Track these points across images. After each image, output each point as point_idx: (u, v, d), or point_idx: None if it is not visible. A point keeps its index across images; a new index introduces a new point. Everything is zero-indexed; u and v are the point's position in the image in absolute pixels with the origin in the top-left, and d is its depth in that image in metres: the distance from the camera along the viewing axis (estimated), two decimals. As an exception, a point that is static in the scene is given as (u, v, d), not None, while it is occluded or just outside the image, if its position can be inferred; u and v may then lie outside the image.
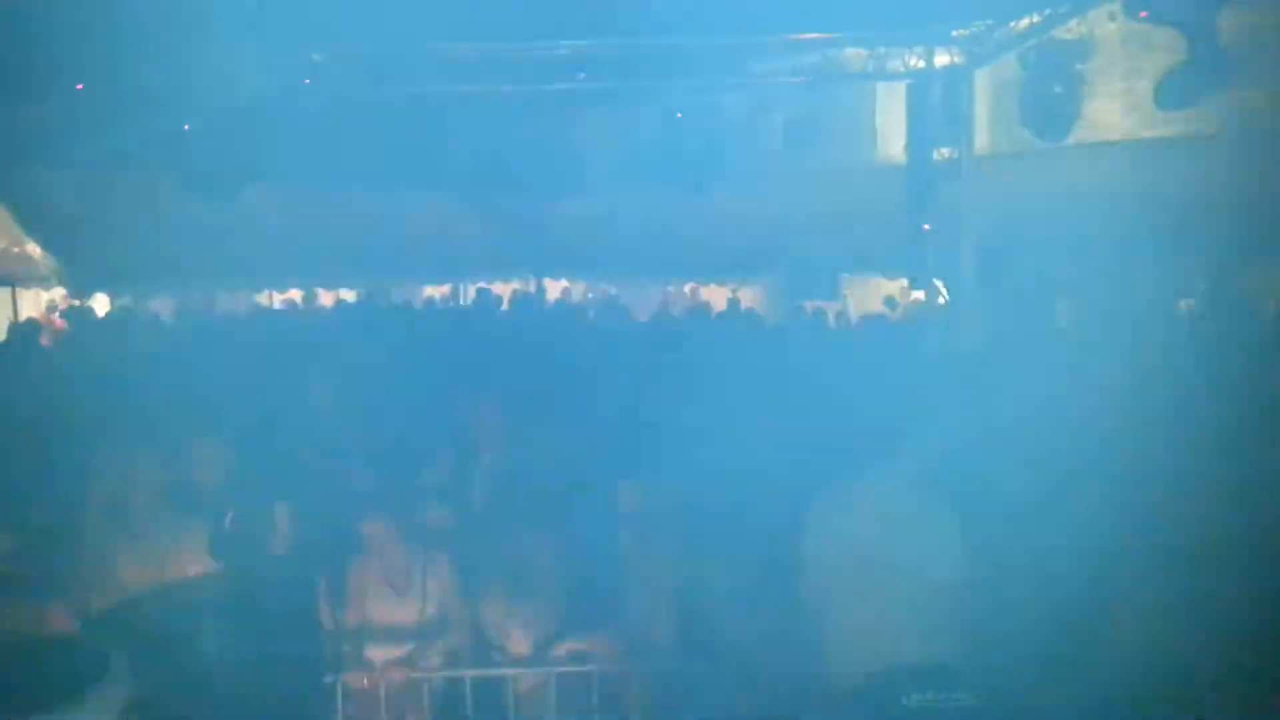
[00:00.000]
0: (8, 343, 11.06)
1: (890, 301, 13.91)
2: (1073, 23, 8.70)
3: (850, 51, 10.04)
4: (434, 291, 17.54)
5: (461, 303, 16.81)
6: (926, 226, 9.95)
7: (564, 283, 19.05)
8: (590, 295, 17.57)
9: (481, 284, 17.13)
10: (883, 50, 9.77)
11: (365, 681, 3.99)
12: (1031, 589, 3.84)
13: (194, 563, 4.03)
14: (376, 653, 4.36)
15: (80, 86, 8.75)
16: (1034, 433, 5.23)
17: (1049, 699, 3.26)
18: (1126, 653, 3.55)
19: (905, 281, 11.86)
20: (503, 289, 17.40)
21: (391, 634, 4.41)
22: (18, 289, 14.93)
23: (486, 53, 9.19)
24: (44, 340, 11.57)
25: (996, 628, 3.69)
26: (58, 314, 14.01)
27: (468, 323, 12.72)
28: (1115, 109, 14.57)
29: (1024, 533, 4.15)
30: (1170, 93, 7.61)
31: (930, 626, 3.65)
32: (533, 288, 17.27)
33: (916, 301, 12.31)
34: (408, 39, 9.07)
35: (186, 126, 8.84)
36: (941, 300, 10.14)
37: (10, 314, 14.60)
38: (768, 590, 4.27)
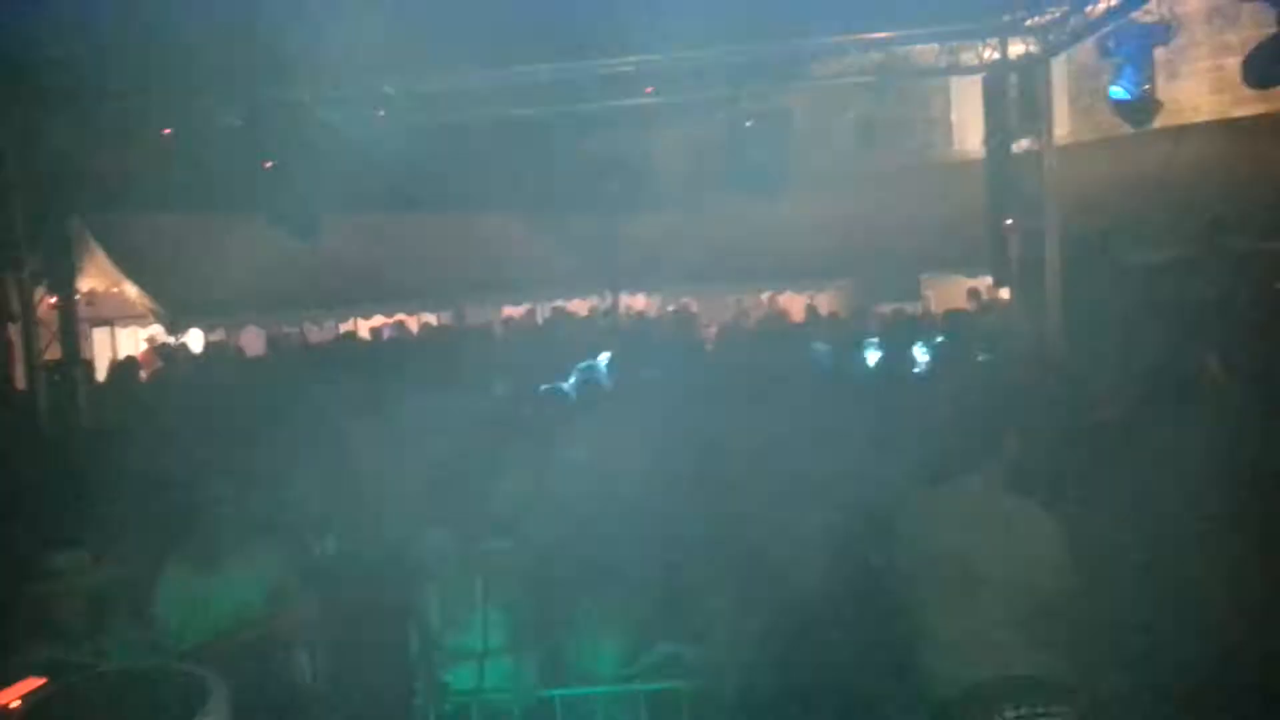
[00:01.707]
0: (110, 379, 11.50)
1: (975, 297, 13.61)
2: (1152, 2, 8.41)
3: (921, 47, 9.88)
4: (512, 311, 17.71)
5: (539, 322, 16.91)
6: (1009, 221, 9.70)
7: (640, 297, 19.09)
8: (668, 308, 17.56)
9: (559, 302, 17.29)
10: (955, 44, 9.58)
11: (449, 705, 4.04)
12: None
13: (286, 592, 4.13)
14: (464, 676, 4.42)
15: (167, 131, 9.07)
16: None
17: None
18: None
19: (989, 279, 11.58)
20: (579, 305, 17.53)
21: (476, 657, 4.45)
22: (116, 327, 15.53)
23: (553, 74, 9.27)
24: (142, 375, 12.00)
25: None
26: (154, 350, 14.52)
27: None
28: (1202, 89, 14.09)
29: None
30: (1260, 69, 7.30)
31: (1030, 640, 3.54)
32: (609, 303, 17.33)
33: (1000, 299, 12.02)
34: (475, 66, 9.22)
35: (268, 165, 9.08)
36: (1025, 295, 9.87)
37: (110, 351, 15.19)
38: (860, 605, 4.18)
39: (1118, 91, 8.86)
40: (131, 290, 13.29)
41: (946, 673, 3.32)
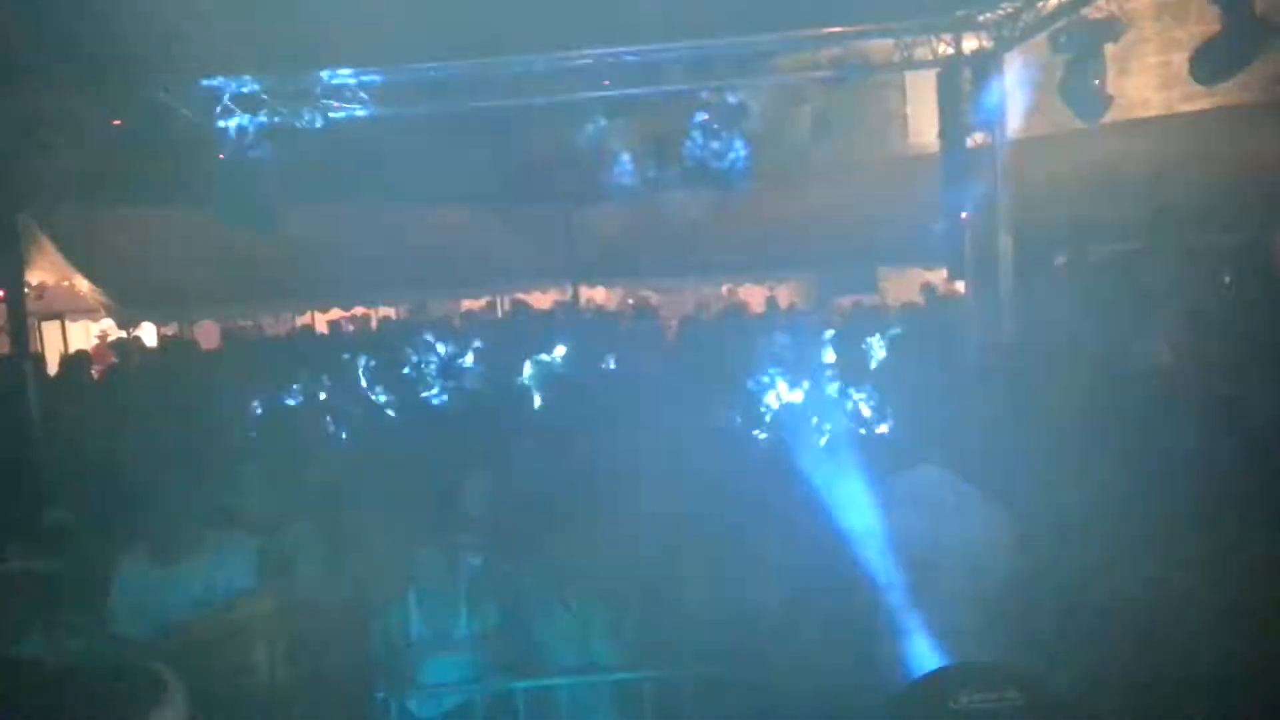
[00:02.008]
0: (61, 372, 11.30)
1: (929, 291, 13.78)
2: (1102, 0, 8.56)
3: (877, 42, 9.96)
4: (472, 304, 17.65)
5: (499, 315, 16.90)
6: (965, 215, 9.82)
7: (600, 289, 19.11)
8: (628, 300, 17.59)
9: (518, 294, 17.25)
10: (909, 39, 9.67)
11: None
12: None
13: (243, 585, 4.11)
14: (426, 670, 4.42)
15: (117, 123, 8.91)
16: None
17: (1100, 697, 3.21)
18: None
19: (944, 271, 11.73)
20: (540, 298, 17.51)
21: (442, 650, 4.45)
22: (66, 321, 15.27)
23: (511, 66, 9.24)
24: (94, 370, 11.81)
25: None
26: (107, 344, 14.31)
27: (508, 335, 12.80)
28: (1151, 84, 14.34)
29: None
30: (1208, 65, 7.46)
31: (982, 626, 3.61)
32: (568, 295, 17.33)
33: (955, 292, 12.18)
34: (432, 57, 9.15)
35: (221, 156, 8.97)
36: (978, 288, 10.00)
37: (61, 346, 14.93)
38: (815, 594, 4.24)
39: (1069, 87, 9.03)
40: (82, 284, 13.07)
41: (903, 660, 3.39)
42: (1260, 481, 3.97)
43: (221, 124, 8.98)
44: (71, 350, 14.35)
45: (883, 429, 6.31)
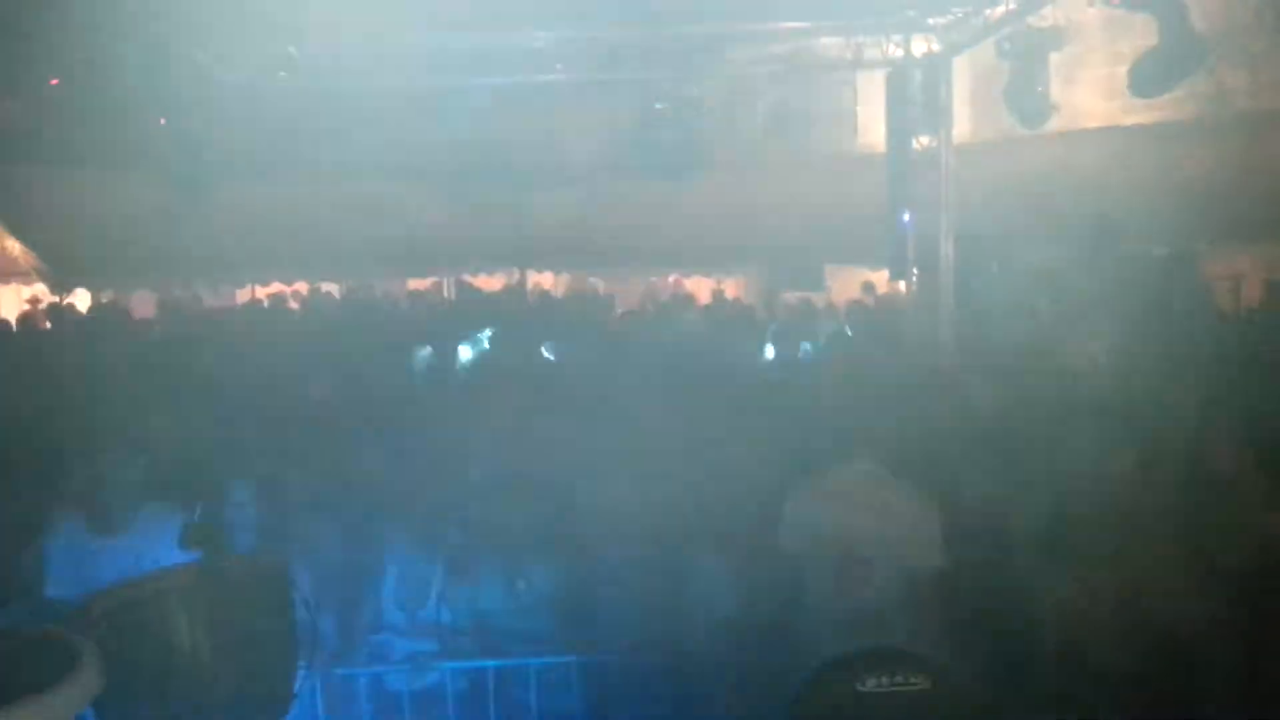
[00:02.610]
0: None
1: (869, 290, 13.97)
2: (1048, 9, 8.72)
3: (828, 40, 10.05)
4: (417, 284, 17.49)
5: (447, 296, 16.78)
6: (906, 216, 9.97)
7: (547, 275, 19.04)
8: (573, 287, 17.58)
9: (465, 276, 17.13)
10: (861, 39, 9.78)
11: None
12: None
13: (168, 556, 4.07)
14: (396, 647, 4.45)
15: (55, 81, 8.69)
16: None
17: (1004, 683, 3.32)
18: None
19: (886, 271, 11.90)
20: (486, 281, 17.40)
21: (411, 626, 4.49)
22: (-3, 285, 14.87)
23: (464, 45, 9.16)
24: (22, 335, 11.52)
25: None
26: (39, 309, 13.95)
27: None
28: (1095, 95, 14.65)
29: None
30: (1145, 79, 7.65)
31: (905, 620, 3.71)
32: (515, 280, 17.25)
33: (896, 291, 12.36)
34: (385, 32, 9.04)
35: (162, 121, 8.79)
36: (918, 290, 10.17)
37: (-9, 310, 14.53)
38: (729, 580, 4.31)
39: (1014, 94, 9.20)
40: (15, 246, 12.73)
41: (817, 646, 3.46)
42: (1166, 488, 4.11)
43: (167, 88, 8.80)
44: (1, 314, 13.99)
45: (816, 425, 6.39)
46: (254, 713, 2.32)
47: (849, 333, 10.22)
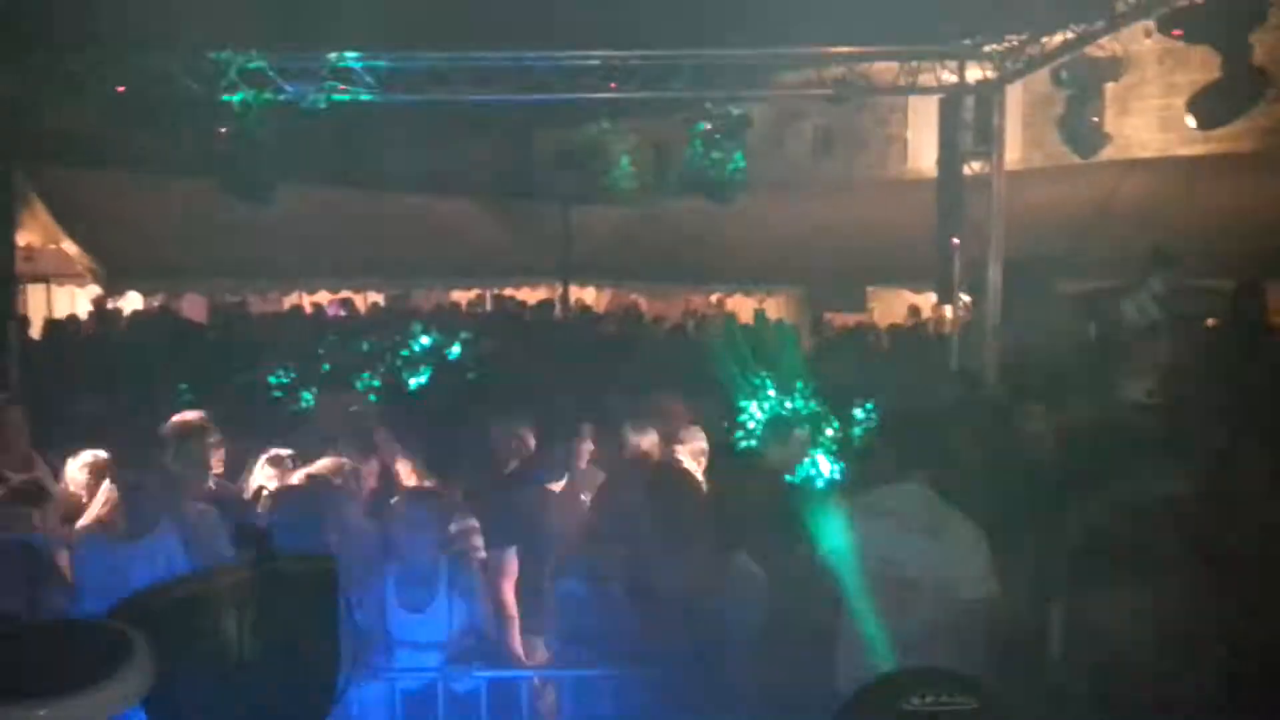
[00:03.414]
0: (45, 336, 11.26)
1: (915, 313, 13.88)
2: (1107, 39, 8.65)
3: (882, 65, 10.03)
4: (461, 296, 17.63)
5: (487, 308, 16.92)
6: (956, 240, 9.90)
7: (590, 290, 19.13)
8: (615, 302, 17.63)
9: (508, 289, 17.26)
10: (914, 64, 9.75)
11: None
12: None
13: (219, 552, 4.13)
14: (397, 652, 4.45)
15: (122, 90, 8.89)
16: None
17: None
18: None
19: (933, 295, 11.82)
20: (529, 294, 17.53)
21: (411, 634, 4.48)
22: (53, 285, 15.18)
23: (519, 61, 9.26)
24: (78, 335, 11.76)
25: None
26: (91, 311, 14.24)
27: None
28: (1150, 126, 14.49)
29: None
30: (1204, 111, 7.55)
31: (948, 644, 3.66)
32: (558, 294, 17.34)
33: (942, 315, 12.26)
34: (439, 46, 9.17)
35: (223, 130, 8.97)
36: (966, 314, 10.08)
37: (45, 310, 14.86)
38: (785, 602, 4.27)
39: (1068, 123, 9.13)
40: (71, 248, 13.00)
41: (861, 669, 3.43)
42: (1222, 525, 4.04)
43: (226, 98, 8.97)
44: (56, 315, 14.31)
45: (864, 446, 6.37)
46: (301, 713, 2.33)
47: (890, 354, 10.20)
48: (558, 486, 5.46)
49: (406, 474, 5.61)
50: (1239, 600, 3.68)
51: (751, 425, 6.86)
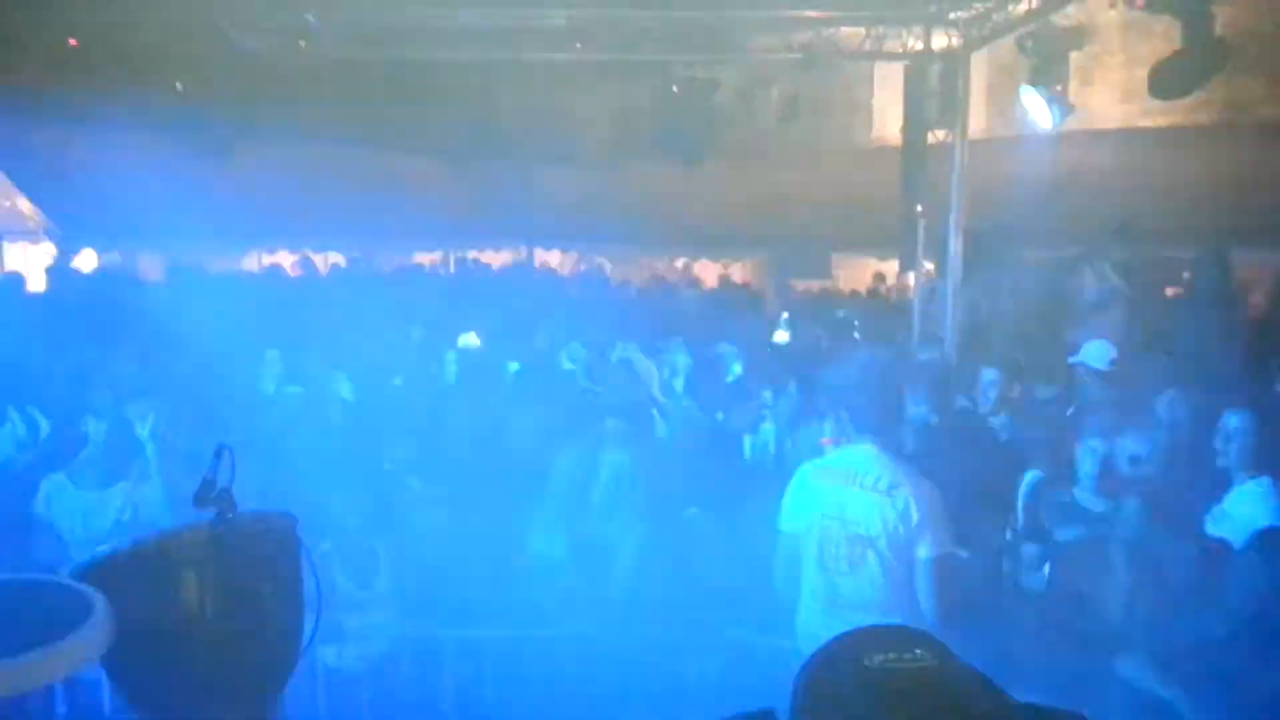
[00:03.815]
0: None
1: (879, 280, 13.96)
2: (1071, 8, 8.68)
3: (848, 30, 10.00)
4: (424, 259, 17.47)
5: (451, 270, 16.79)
6: (920, 208, 9.94)
7: (555, 253, 19.03)
8: (581, 266, 17.56)
9: (472, 252, 17.14)
10: (880, 30, 9.73)
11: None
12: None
13: (178, 513, 4.10)
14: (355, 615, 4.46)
15: (74, 43, 8.68)
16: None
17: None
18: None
19: (896, 262, 11.89)
20: (493, 258, 17.41)
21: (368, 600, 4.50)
22: (4, 242, 14.85)
23: (483, 20, 9.13)
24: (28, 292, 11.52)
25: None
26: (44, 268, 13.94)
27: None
28: (1112, 97, 14.59)
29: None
30: (1165, 82, 7.61)
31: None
32: (524, 256, 17.25)
33: (905, 283, 12.35)
34: (402, 4, 9.02)
35: (179, 85, 8.79)
36: (927, 282, 10.16)
37: (-1, 267, 14.54)
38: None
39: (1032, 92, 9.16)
40: (25, 204, 12.72)
41: (823, 627, 3.49)
42: (1174, 486, 4.14)
43: (185, 53, 8.79)
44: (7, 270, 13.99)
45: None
46: (263, 671, 2.34)
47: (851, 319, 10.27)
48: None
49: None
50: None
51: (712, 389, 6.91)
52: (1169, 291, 8.99)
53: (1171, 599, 3.60)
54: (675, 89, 9.87)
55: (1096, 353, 6.25)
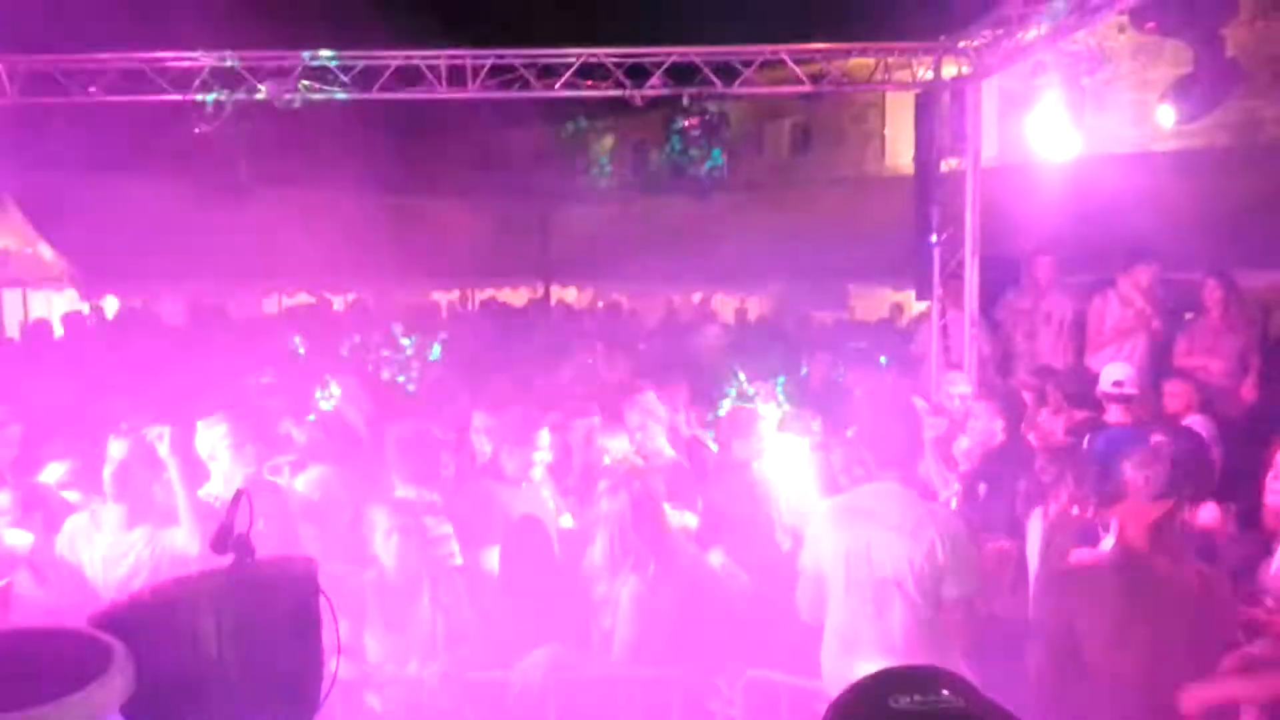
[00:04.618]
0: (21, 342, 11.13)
1: (896, 311, 13.93)
2: (1081, 34, 8.69)
3: (858, 61, 10.05)
4: (441, 297, 17.57)
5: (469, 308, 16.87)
6: (934, 238, 9.92)
7: (572, 289, 19.10)
8: (599, 303, 17.61)
9: (490, 290, 17.22)
10: (890, 60, 9.77)
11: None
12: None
13: (197, 557, 4.10)
14: (378, 658, 4.43)
15: (93, 90, 8.81)
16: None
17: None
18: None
19: (912, 292, 11.85)
20: (512, 295, 17.49)
21: (395, 638, 4.46)
22: (29, 290, 15.03)
23: (494, 59, 9.22)
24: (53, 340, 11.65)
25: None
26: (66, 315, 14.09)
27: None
28: (1124, 122, 14.57)
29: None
30: (1177, 106, 7.60)
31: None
32: (540, 293, 17.31)
33: (923, 313, 12.31)
34: (412, 44, 9.13)
35: (197, 130, 8.89)
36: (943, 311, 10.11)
37: (21, 314, 14.70)
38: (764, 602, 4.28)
39: (1044, 118, 9.17)
40: (47, 252, 12.87)
41: (847, 667, 3.44)
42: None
43: (199, 98, 8.90)
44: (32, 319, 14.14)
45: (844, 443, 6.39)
46: (282, 716, 2.32)
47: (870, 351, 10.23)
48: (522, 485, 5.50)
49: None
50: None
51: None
52: (1186, 316, 8.95)
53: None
54: (686, 123, 9.91)
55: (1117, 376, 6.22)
